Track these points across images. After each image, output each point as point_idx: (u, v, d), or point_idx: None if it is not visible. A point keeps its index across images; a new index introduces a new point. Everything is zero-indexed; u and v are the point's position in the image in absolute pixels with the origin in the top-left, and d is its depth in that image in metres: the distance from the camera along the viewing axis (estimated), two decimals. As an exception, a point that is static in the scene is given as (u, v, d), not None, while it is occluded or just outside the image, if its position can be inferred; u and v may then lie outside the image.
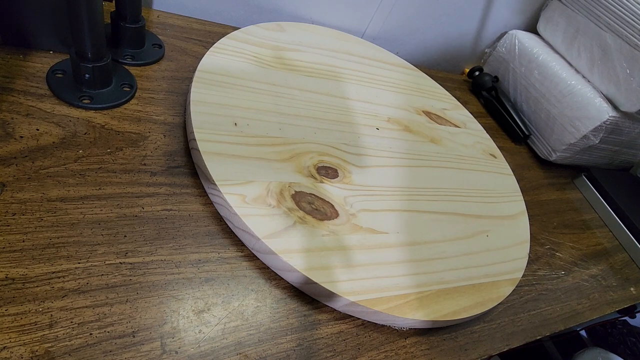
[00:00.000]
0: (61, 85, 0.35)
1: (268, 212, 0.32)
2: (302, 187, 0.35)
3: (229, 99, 0.39)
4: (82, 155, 0.32)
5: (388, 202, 0.40)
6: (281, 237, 0.31)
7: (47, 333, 0.23)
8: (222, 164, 0.33)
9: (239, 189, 0.32)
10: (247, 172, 0.34)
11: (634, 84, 0.57)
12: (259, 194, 0.33)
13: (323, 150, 0.40)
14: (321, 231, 0.33)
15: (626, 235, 0.60)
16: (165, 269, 0.28)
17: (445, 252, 0.39)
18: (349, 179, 0.39)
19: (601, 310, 0.47)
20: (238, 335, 0.28)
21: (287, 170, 0.36)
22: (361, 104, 0.49)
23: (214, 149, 0.34)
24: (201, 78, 0.39)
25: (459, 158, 0.52)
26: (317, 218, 0.34)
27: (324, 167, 0.38)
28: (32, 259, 0.25)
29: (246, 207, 0.32)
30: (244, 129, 0.37)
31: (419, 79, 0.63)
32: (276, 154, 0.37)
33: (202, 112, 0.36)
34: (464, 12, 0.72)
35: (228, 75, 0.41)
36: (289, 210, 0.33)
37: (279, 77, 0.44)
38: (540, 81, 0.67)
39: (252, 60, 0.44)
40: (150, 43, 0.44)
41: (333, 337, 0.30)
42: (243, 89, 0.41)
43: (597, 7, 0.61)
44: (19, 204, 0.27)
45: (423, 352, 0.33)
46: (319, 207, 0.35)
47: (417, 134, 0.51)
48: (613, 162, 0.72)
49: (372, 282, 0.33)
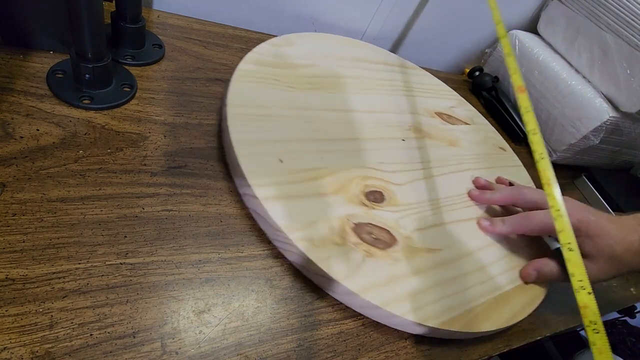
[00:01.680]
0: (61, 85, 0.35)
1: (338, 252, 0.33)
2: (358, 218, 0.36)
3: (267, 134, 0.38)
4: (82, 155, 0.32)
5: (432, 216, 0.41)
6: (357, 276, 0.32)
7: (47, 334, 0.23)
8: (284, 209, 0.33)
9: (305, 233, 0.32)
10: (307, 212, 0.34)
11: (634, 84, 0.57)
12: (325, 234, 0.33)
13: (365, 174, 0.41)
14: (387, 261, 0.34)
15: (626, 236, 0.60)
16: (165, 269, 0.28)
17: (491, 258, 0.41)
18: (394, 200, 0.40)
19: (601, 310, 0.47)
20: (238, 335, 0.28)
21: (340, 202, 0.36)
22: (383, 115, 0.50)
23: (272, 194, 0.33)
24: (234, 114, 0.38)
25: (476, 157, 0.54)
26: (379, 248, 0.35)
27: (371, 192, 0.39)
28: (32, 259, 0.25)
29: (318, 250, 0.32)
30: (289, 164, 0.37)
31: (424, 78, 0.63)
32: (325, 186, 0.37)
33: (248, 154, 0.35)
34: (464, 12, 0.72)
35: (257, 106, 0.40)
36: (354, 245, 0.34)
37: (303, 100, 0.44)
38: (541, 81, 0.67)
39: (274, 84, 0.44)
40: (150, 43, 0.44)
41: (333, 337, 0.30)
42: (275, 119, 0.40)
43: (598, 7, 0.61)
44: (19, 205, 0.27)
45: (423, 352, 0.33)
46: (378, 235, 0.36)
47: (436, 138, 0.53)
48: (613, 162, 0.72)
49: (443, 302, 0.34)
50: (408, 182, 0.43)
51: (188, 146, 0.37)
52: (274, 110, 0.41)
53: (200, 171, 0.36)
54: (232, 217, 0.34)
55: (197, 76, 0.44)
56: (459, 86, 0.74)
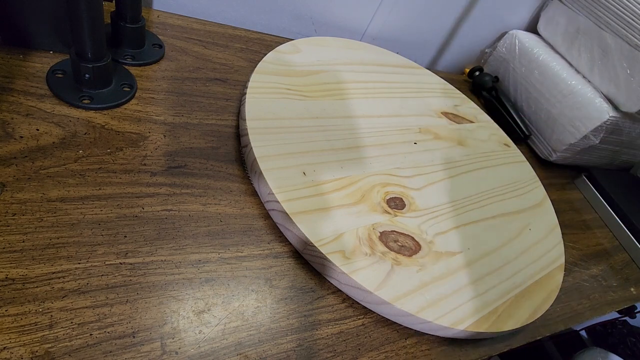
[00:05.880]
0: (61, 85, 0.35)
1: (368, 262, 0.33)
2: (383, 227, 0.37)
3: (287, 146, 0.39)
4: (82, 155, 0.32)
5: (450, 219, 0.42)
6: (388, 285, 0.33)
7: (47, 333, 0.23)
8: (312, 223, 0.33)
9: (335, 246, 0.33)
10: (334, 224, 0.35)
11: (634, 84, 0.57)
12: (354, 245, 0.34)
13: (384, 181, 0.42)
14: (414, 268, 0.35)
15: (626, 236, 0.60)
16: (165, 269, 0.28)
17: (507, 257, 0.42)
18: (414, 205, 0.41)
19: (601, 310, 0.47)
20: (238, 335, 0.27)
21: (365, 212, 0.37)
22: (393, 119, 0.51)
23: (299, 208, 0.34)
24: (254, 129, 0.38)
25: (484, 156, 0.55)
26: (406, 255, 0.36)
27: (392, 198, 0.40)
28: (32, 259, 0.25)
29: (349, 262, 0.32)
30: (312, 176, 0.37)
31: (427, 77, 0.64)
32: (349, 196, 0.38)
33: (272, 169, 0.36)
34: (464, 12, 0.72)
35: (275, 119, 0.41)
36: (382, 254, 0.34)
37: (318, 109, 0.45)
38: (541, 81, 0.67)
39: (288, 95, 0.45)
40: (150, 43, 0.44)
41: (333, 337, 0.30)
42: (294, 130, 0.41)
43: (598, 7, 0.61)
44: (19, 204, 0.27)
45: (423, 352, 0.33)
46: (404, 242, 0.37)
47: (445, 139, 0.53)
48: (613, 162, 0.72)
49: (469, 305, 0.35)
50: (424, 186, 0.44)
51: (188, 146, 0.37)
52: (291, 121, 0.42)
53: (200, 171, 0.36)
54: (232, 217, 0.34)
55: (197, 76, 0.44)
56: (459, 86, 0.74)
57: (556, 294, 0.41)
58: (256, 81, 0.44)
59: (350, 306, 0.33)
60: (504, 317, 0.36)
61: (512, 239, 0.44)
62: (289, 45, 0.52)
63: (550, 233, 0.49)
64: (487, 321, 0.35)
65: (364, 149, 0.44)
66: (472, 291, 0.36)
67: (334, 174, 0.39)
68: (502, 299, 0.37)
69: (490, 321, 0.35)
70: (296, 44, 0.53)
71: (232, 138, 0.40)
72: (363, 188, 0.39)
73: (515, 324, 0.36)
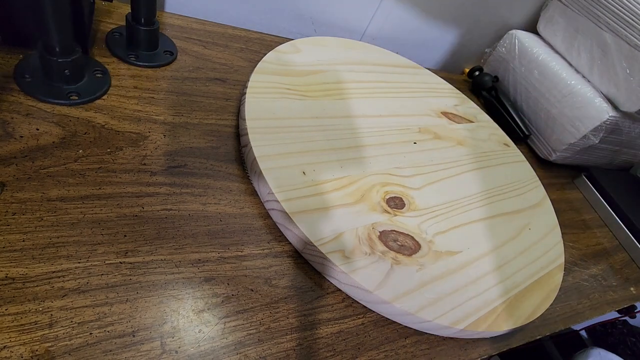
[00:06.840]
0: (31, 83, 0.34)
1: (368, 262, 0.33)
2: (383, 226, 0.37)
3: (287, 146, 0.39)
4: (82, 155, 0.32)
5: (449, 219, 0.42)
6: (388, 285, 0.33)
7: (47, 332, 0.23)
8: (311, 222, 0.34)
9: (335, 245, 0.33)
10: (334, 224, 0.35)
11: (634, 83, 0.57)
12: (353, 244, 0.34)
13: (383, 180, 0.42)
14: (414, 267, 0.35)
15: (626, 235, 0.60)
16: (165, 268, 0.28)
17: (507, 256, 0.42)
18: (414, 205, 0.41)
19: (601, 310, 0.47)
20: (238, 334, 0.28)
21: (364, 211, 0.37)
22: (393, 119, 0.51)
23: (299, 208, 0.34)
24: (254, 128, 0.38)
25: (483, 155, 0.55)
26: (406, 254, 0.36)
27: (391, 198, 0.40)
28: (32, 258, 0.25)
29: (349, 262, 0.32)
30: (312, 176, 0.37)
31: (427, 77, 0.64)
32: (348, 196, 0.38)
33: (272, 169, 0.36)
34: (463, 12, 0.72)
35: (275, 118, 0.41)
36: (382, 254, 0.35)
37: (318, 108, 0.45)
38: (540, 81, 0.67)
39: (288, 94, 0.45)
40: (162, 49, 0.44)
41: (333, 336, 0.30)
42: (294, 130, 0.41)
43: (597, 7, 0.61)
44: (19, 204, 0.27)
45: (423, 351, 0.33)
46: (403, 242, 0.37)
47: (445, 139, 0.53)
48: (613, 162, 0.72)
49: (468, 304, 0.35)
50: (424, 185, 0.44)
51: (188, 146, 0.37)
52: (290, 121, 0.42)
53: (199, 171, 0.36)
54: (231, 217, 0.34)
55: (197, 76, 0.44)
56: (459, 86, 0.74)
57: (556, 293, 0.41)
58: (256, 81, 0.44)
59: (350, 305, 0.33)
60: (504, 317, 0.36)
61: (511, 239, 0.44)
62: (289, 45, 0.52)
63: (550, 233, 0.49)
64: (486, 320, 0.35)
65: (364, 148, 0.44)
66: (472, 290, 0.36)
67: (334, 174, 0.39)
68: (501, 298, 0.37)
69: (490, 320, 0.35)
70: (296, 44, 0.53)
71: (231, 138, 0.40)
72: (363, 188, 0.39)
73: (515, 323, 0.36)
